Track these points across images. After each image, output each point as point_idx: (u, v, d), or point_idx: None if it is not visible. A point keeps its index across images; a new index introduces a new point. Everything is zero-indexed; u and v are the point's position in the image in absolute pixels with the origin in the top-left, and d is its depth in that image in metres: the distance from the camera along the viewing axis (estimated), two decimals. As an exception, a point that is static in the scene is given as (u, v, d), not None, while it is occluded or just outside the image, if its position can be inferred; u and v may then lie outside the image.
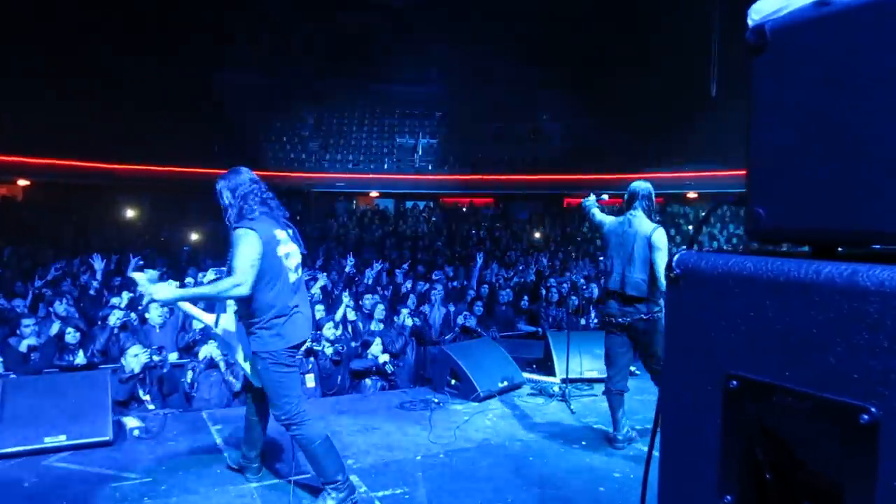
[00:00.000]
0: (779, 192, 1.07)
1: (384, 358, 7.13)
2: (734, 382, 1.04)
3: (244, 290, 3.60)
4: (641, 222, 5.05)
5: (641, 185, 5.22)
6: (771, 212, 1.08)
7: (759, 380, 1.01)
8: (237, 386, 6.35)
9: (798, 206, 1.04)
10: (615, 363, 5.21)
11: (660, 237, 4.98)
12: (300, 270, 4.00)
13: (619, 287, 5.05)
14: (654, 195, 5.21)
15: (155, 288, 3.71)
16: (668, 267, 1.17)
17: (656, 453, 1.29)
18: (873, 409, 0.88)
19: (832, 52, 0.99)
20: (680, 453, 1.16)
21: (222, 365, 6.40)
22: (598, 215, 5.49)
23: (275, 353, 3.75)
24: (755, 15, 1.12)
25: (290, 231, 4.02)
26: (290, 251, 3.88)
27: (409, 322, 7.84)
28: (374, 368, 7.07)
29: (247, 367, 4.15)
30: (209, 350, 6.42)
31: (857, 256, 0.97)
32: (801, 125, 1.03)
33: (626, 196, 5.24)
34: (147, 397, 5.99)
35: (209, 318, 4.26)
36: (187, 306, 4.30)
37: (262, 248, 3.66)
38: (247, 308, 3.78)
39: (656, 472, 1.43)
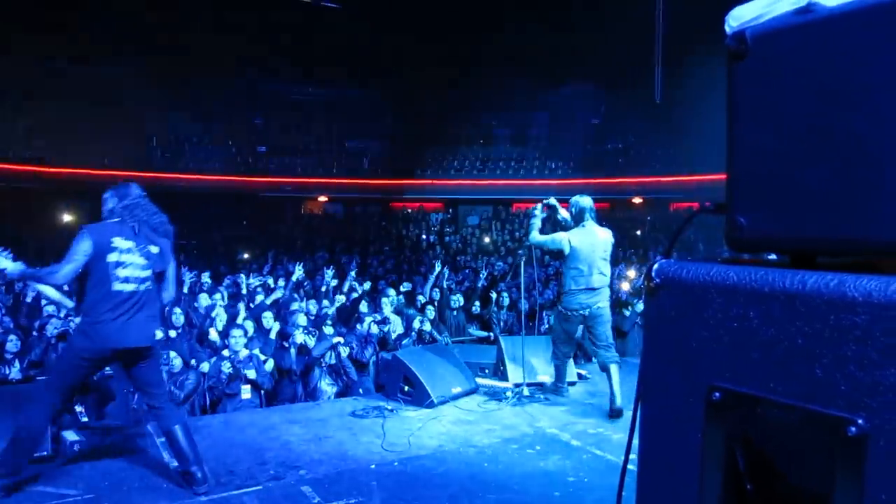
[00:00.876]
0: (761, 201, 1.06)
1: (338, 339, 7.21)
2: (717, 394, 1.02)
3: (58, 279, 3.98)
4: (599, 229, 6.22)
5: (586, 199, 6.30)
6: (752, 221, 1.07)
7: (742, 391, 0.99)
8: (181, 397, 6.17)
9: (781, 215, 1.03)
10: (570, 343, 6.52)
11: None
12: (143, 285, 4.14)
13: (594, 284, 6.09)
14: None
15: (5, 261, 4.12)
16: (648, 276, 1.15)
17: (631, 466, 1.27)
18: (861, 422, 0.87)
19: (815, 59, 0.99)
20: (659, 465, 1.14)
21: (164, 375, 6.20)
22: (540, 237, 6.35)
23: (75, 347, 4.08)
24: (733, 21, 1.11)
25: (151, 247, 4.20)
26: (126, 261, 4.07)
27: (374, 330, 7.77)
28: (329, 350, 7.04)
29: None
30: None
31: (838, 266, 0.97)
32: (784, 132, 1.02)
33: (574, 210, 6.28)
34: (80, 409, 5.75)
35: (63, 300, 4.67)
36: (47, 289, 4.64)
37: (92, 250, 3.97)
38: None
39: (625, 482, 1.42)
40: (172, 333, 7.10)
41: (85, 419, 5.70)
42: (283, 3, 24.31)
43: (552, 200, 6.58)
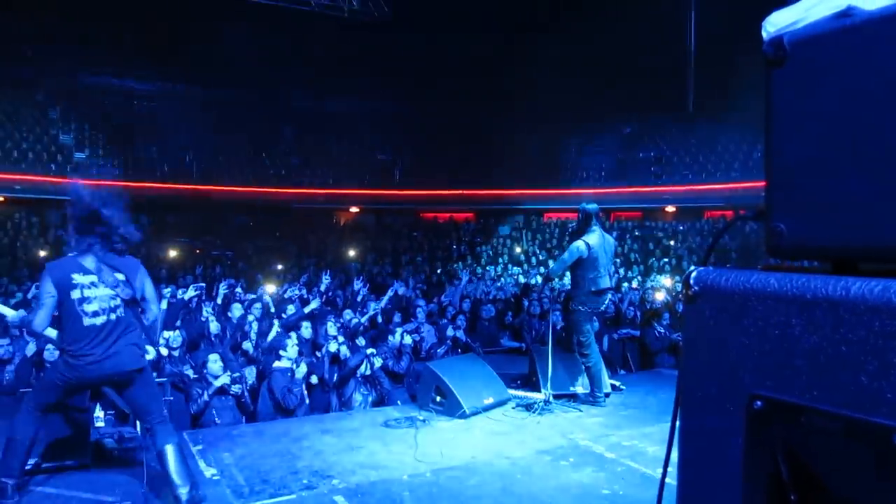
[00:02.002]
0: (801, 208, 1.05)
1: (371, 350, 7.31)
2: (759, 403, 1.01)
3: (35, 327, 4.05)
4: (605, 234, 6.70)
5: (592, 205, 6.73)
6: (792, 227, 1.05)
7: (785, 400, 0.98)
8: (252, 406, 6.28)
9: (821, 222, 1.02)
10: (594, 343, 6.78)
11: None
12: (114, 314, 4.09)
13: (609, 284, 6.69)
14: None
15: (6, 310, 4.33)
16: (686, 284, 1.14)
17: (670, 480, 1.26)
18: (908, 430, 0.85)
19: (856, 64, 0.98)
20: (700, 476, 1.13)
21: (235, 387, 6.29)
22: (557, 265, 6.93)
23: (57, 374, 4.11)
24: (770, 27, 1.10)
25: (116, 274, 4.14)
26: (90, 295, 4.02)
27: (408, 340, 7.79)
28: (365, 361, 7.08)
29: None
30: (223, 380, 6.30)
31: (882, 272, 0.95)
32: (824, 138, 1.01)
33: (582, 215, 6.70)
34: (99, 414, 5.83)
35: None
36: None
37: (55, 290, 3.97)
38: None
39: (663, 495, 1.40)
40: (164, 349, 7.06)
41: (100, 424, 5.78)
42: (317, 14, 24.59)
43: None
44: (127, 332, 4.16)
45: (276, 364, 6.71)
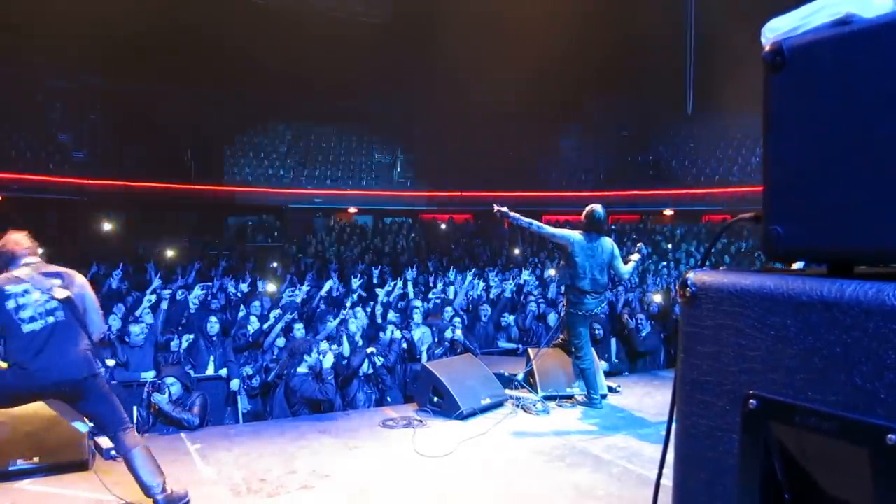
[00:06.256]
0: (797, 211, 1.06)
1: (371, 349, 7.35)
2: (754, 402, 1.03)
3: None
4: (601, 241, 6.59)
5: (600, 211, 6.61)
6: (789, 230, 1.07)
7: (780, 400, 1.00)
8: (195, 421, 6.02)
9: (818, 225, 1.04)
10: (588, 345, 6.68)
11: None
12: (52, 317, 4.02)
13: (594, 289, 6.50)
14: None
15: None
16: (683, 285, 1.15)
17: (665, 481, 1.27)
18: (901, 430, 0.86)
19: (854, 71, 0.99)
20: (696, 475, 1.14)
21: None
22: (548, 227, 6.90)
23: (5, 384, 3.98)
24: (770, 33, 1.12)
25: (51, 279, 4.07)
26: (25, 302, 3.98)
27: (397, 335, 7.79)
28: (366, 360, 7.13)
29: None
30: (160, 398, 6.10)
31: (877, 275, 0.97)
32: (822, 144, 1.03)
33: (586, 215, 6.60)
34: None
35: None
36: None
37: None
38: None
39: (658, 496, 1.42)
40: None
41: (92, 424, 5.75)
42: (319, 16, 24.64)
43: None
44: (73, 338, 4.07)
45: (299, 369, 6.62)
